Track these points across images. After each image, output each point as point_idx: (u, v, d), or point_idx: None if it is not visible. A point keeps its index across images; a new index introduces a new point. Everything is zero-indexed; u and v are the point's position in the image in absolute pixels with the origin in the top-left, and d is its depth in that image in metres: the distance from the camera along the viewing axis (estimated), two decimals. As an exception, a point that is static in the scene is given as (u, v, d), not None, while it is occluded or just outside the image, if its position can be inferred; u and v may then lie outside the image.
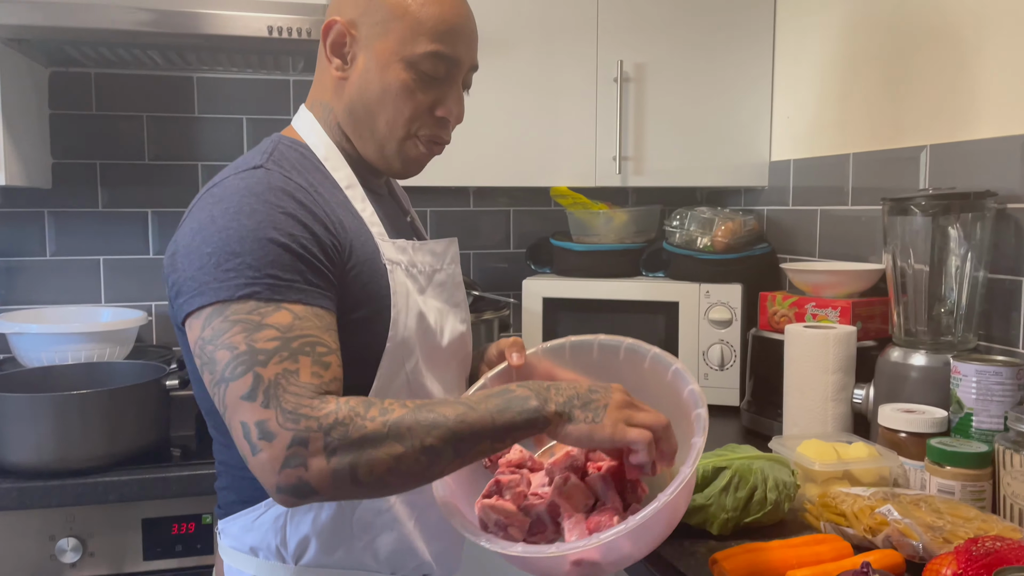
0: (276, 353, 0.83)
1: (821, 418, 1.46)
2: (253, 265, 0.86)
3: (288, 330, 0.85)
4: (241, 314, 0.84)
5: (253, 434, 0.81)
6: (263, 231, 0.87)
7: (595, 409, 0.88)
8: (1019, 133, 1.38)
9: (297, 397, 0.82)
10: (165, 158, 2.07)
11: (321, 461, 0.80)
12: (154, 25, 1.57)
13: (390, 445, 0.82)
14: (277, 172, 0.94)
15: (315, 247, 0.90)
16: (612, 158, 1.98)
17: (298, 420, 0.81)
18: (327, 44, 1.01)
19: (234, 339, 0.83)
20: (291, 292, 0.87)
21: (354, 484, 0.82)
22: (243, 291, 0.85)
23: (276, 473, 0.81)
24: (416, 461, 0.83)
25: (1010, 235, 1.40)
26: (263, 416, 0.81)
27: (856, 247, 1.78)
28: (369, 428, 0.82)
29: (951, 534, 1.01)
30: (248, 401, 0.82)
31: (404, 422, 0.83)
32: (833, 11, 1.85)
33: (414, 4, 0.99)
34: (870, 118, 1.75)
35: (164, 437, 1.58)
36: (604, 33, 1.95)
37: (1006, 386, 1.22)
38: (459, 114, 1.05)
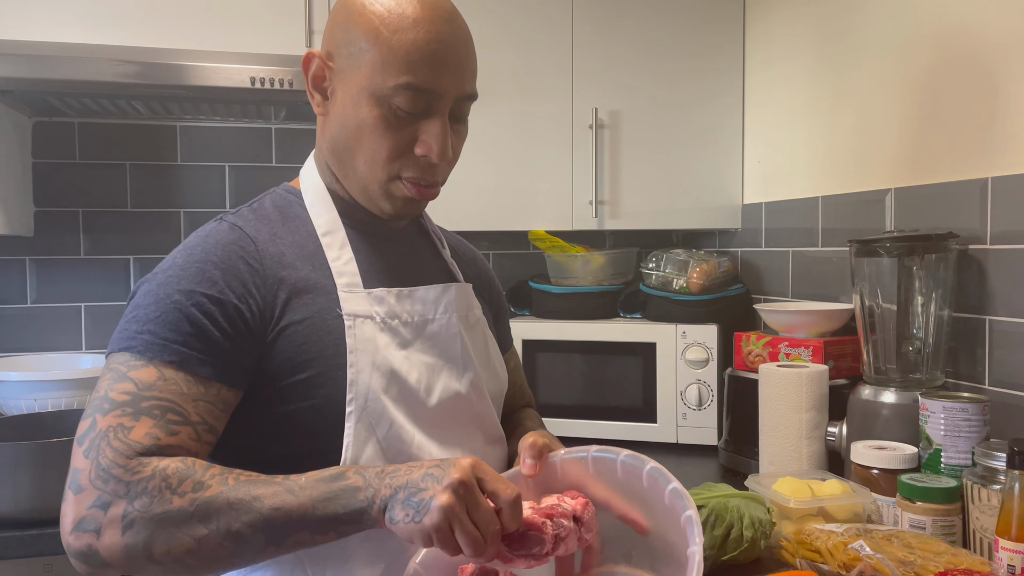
0: (121, 407, 0.80)
1: (796, 456, 1.49)
2: (140, 319, 0.85)
3: (146, 388, 0.81)
4: (116, 364, 0.84)
5: (68, 480, 0.79)
6: (165, 287, 0.87)
7: (418, 504, 0.75)
8: (977, 177, 1.43)
9: (116, 454, 0.78)
10: (147, 206, 2.09)
11: (115, 533, 0.76)
12: (138, 77, 1.60)
13: (193, 526, 0.76)
14: (228, 224, 0.93)
15: (216, 308, 0.86)
16: (588, 202, 2.03)
17: (107, 480, 0.77)
18: (310, 79, 0.95)
19: (101, 384, 0.83)
20: (164, 352, 0.83)
21: (149, 561, 0.76)
22: (123, 344, 0.85)
23: (69, 533, 0.77)
24: (220, 546, 0.77)
25: (972, 275, 1.44)
26: (81, 465, 0.79)
27: (827, 287, 1.83)
28: (174, 505, 0.76)
29: (922, 568, 1.03)
30: (78, 445, 0.80)
31: (215, 503, 0.77)
32: (799, 59, 1.92)
33: (386, 31, 0.88)
34: (837, 162, 1.80)
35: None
36: (579, 81, 2.01)
37: (972, 422, 1.25)
38: (441, 151, 0.92)
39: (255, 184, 2.13)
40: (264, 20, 1.79)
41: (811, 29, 1.88)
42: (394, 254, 1.02)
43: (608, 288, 2.11)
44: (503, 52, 1.97)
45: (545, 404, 2.01)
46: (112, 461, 0.77)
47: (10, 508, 1.40)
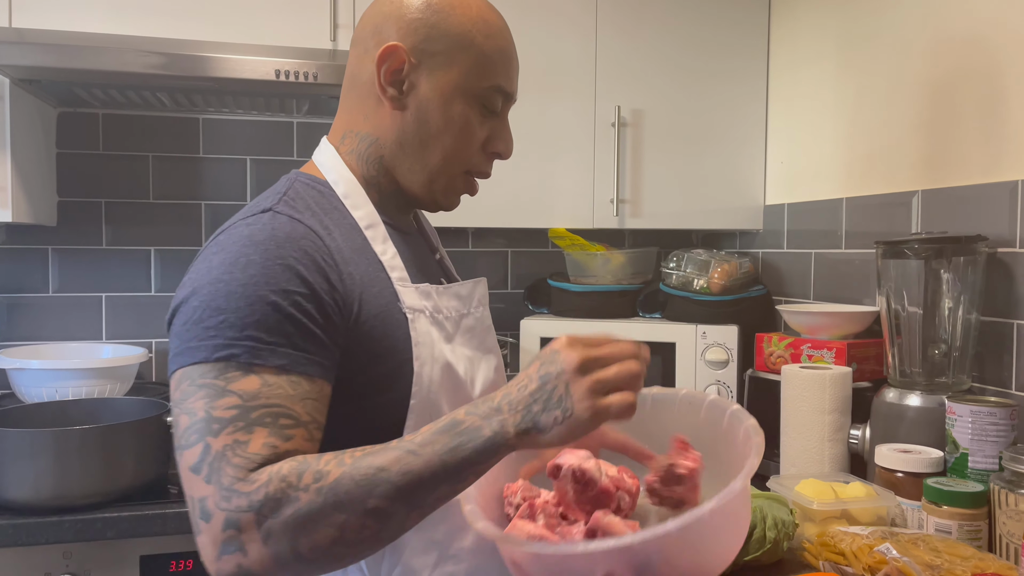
0: (231, 423, 0.76)
1: (818, 458, 1.47)
2: (235, 324, 0.79)
3: (252, 398, 0.77)
4: (208, 378, 0.78)
5: (196, 512, 0.75)
6: (254, 287, 0.80)
7: (559, 402, 0.75)
8: (1007, 180, 1.42)
9: (235, 470, 0.75)
10: (169, 197, 2.10)
11: (258, 547, 0.73)
12: (164, 68, 1.61)
13: (329, 516, 0.74)
14: (285, 216, 0.87)
15: (311, 305, 0.82)
16: (610, 201, 2.02)
17: (230, 499, 0.74)
18: (383, 70, 0.93)
19: (195, 404, 0.77)
20: (272, 357, 0.79)
21: (300, 562, 0.74)
22: (220, 352, 0.78)
23: (215, 560, 0.74)
24: (363, 527, 0.75)
25: (1001, 279, 1.43)
26: (204, 493, 0.75)
27: (850, 289, 1.81)
28: (303, 501, 0.74)
29: (949, 572, 1.02)
30: (195, 474, 0.76)
31: (341, 486, 0.74)
32: (824, 61, 1.90)
33: (479, 35, 0.94)
34: (863, 163, 1.79)
35: (163, 474, 1.58)
36: (602, 79, 2.00)
37: (1000, 426, 1.23)
38: (511, 149, 1.01)
39: (276, 178, 2.12)
40: (289, 13, 1.79)
41: (836, 31, 1.86)
42: (415, 250, 1.03)
43: (628, 287, 2.09)
44: (526, 48, 1.96)
45: (562, 402, 2.00)
46: (233, 478, 0.74)
47: (30, 495, 1.41)
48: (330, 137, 1.01)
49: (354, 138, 0.98)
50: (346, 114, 0.99)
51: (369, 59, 0.95)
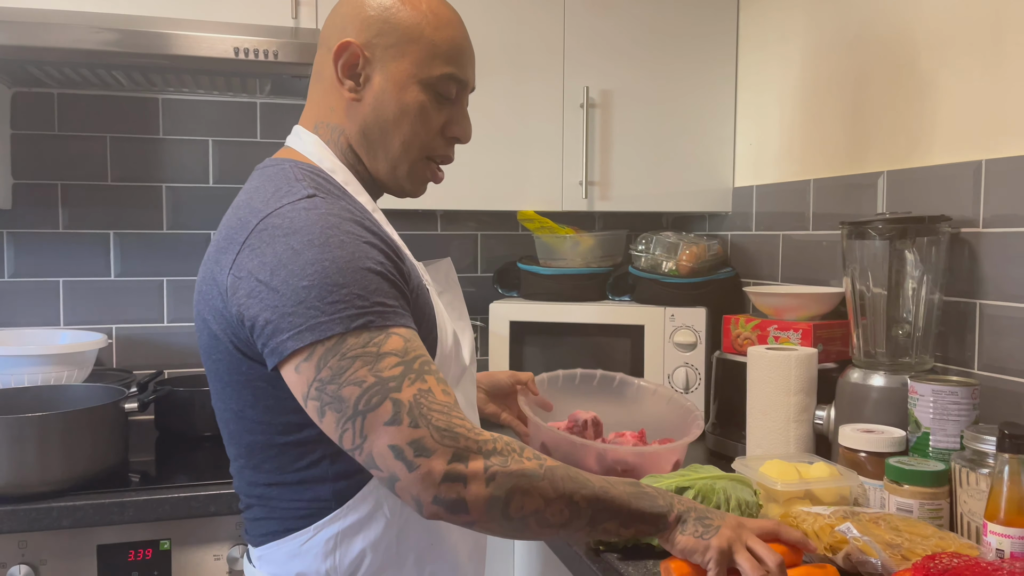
0: (404, 377, 0.85)
1: (784, 439, 1.47)
2: (361, 295, 0.86)
3: (405, 353, 0.86)
4: (357, 348, 0.84)
5: (407, 453, 0.83)
6: (359, 261, 0.87)
7: (707, 526, 0.96)
8: (971, 159, 1.42)
9: (446, 416, 0.84)
10: (128, 179, 2.05)
11: (480, 485, 0.83)
12: (119, 45, 1.56)
13: (544, 488, 0.86)
14: (333, 201, 0.93)
15: (396, 274, 0.92)
16: (579, 183, 2.00)
17: (456, 438, 0.84)
18: (339, 65, 1.01)
19: (358, 374, 0.84)
20: (397, 317, 0.88)
21: (503, 517, 0.85)
22: (358, 322, 0.85)
23: (436, 485, 0.83)
24: (560, 512, 0.87)
25: (964, 259, 1.43)
26: (416, 435, 0.83)
27: (817, 271, 1.81)
28: (527, 465, 0.86)
29: (909, 551, 1.02)
30: (394, 425, 0.83)
31: (558, 472, 0.88)
32: (793, 41, 1.90)
33: (428, 28, 1.01)
34: (829, 145, 1.79)
35: (122, 461, 1.55)
36: (570, 60, 1.98)
37: (962, 406, 1.24)
38: (469, 134, 1.08)
39: (240, 159, 2.09)
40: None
41: (804, 11, 1.85)
42: None
43: (597, 270, 2.08)
44: (493, 29, 1.93)
45: (531, 386, 1.99)
46: (448, 422, 0.84)
47: (-17, 484, 1.37)
48: (306, 125, 1.06)
49: (326, 128, 1.05)
50: (314, 106, 1.06)
51: (329, 55, 1.02)
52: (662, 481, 1.16)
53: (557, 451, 1.39)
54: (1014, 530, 1.02)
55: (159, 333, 2.08)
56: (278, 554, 0.99)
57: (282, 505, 0.98)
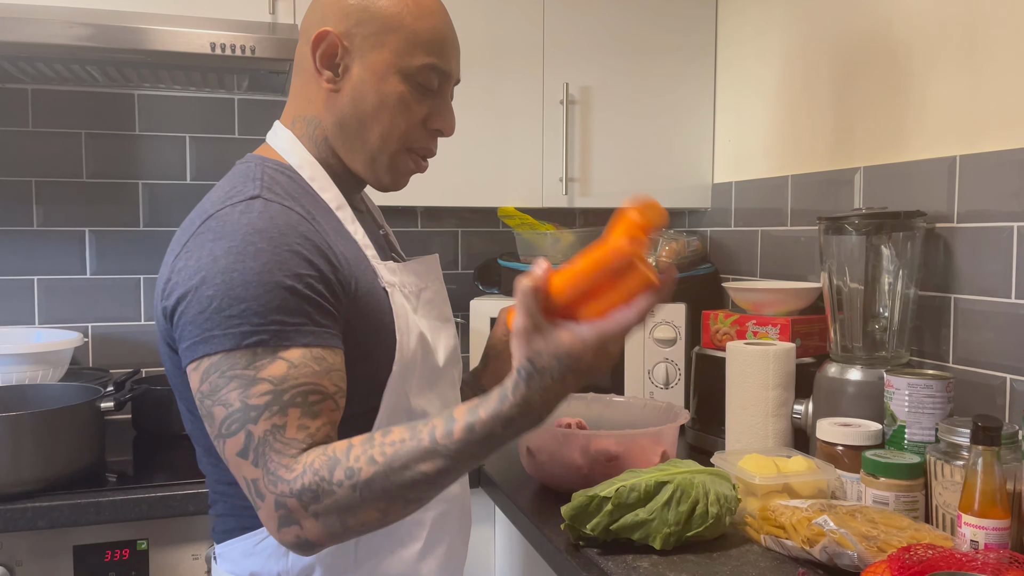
0: (267, 408, 0.82)
1: (762, 433, 1.48)
2: (258, 311, 0.83)
3: (281, 382, 0.83)
4: (237, 368, 0.83)
5: (252, 491, 0.83)
6: (269, 274, 0.84)
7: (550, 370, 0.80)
8: (945, 155, 1.43)
9: (279, 457, 0.82)
10: (104, 176, 2.03)
11: (311, 521, 0.81)
12: (93, 40, 1.54)
13: (368, 506, 0.81)
14: (276, 203, 0.90)
15: (321, 285, 0.88)
16: (559, 179, 2.00)
17: (276, 483, 0.82)
18: (317, 55, 0.98)
19: (229, 396, 0.83)
20: (298, 336, 0.85)
21: (353, 532, 0.83)
22: (249, 340, 0.83)
23: (276, 531, 0.83)
24: (404, 509, 0.83)
25: (939, 253, 1.45)
26: (255, 475, 0.83)
27: (796, 266, 1.82)
28: (338, 494, 0.80)
29: (885, 543, 1.03)
30: (243, 459, 0.83)
31: (375, 484, 0.80)
32: (772, 38, 1.91)
33: (409, 16, 0.98)
34: (807, 141, 1.80)
35: (99, 461, 1.53)
36: (550, 56, 1.98)
37: (936, 399, 1.25)
38: (452, 126, 1.05)
39: (217, 156, 2.07)
40: (226, -15, 1.73)
41: (782, 8, 1.86)
42: (367, 228, 1.08)
43: (577, 266, 2.08)
44: (473, 24, 1.93)
45: (512, 382, 1.99)
46: (277, 463, 0.82)
47: (-44, 485, 1.35)
48: (284, 120, 1.05)
49: (302, 122, 1.03)
50: (294, 99, 1.04)
51: (308, 47, 1.00)
52: (642, 476, 1.17)
53: (541, 451, 1.39)
54: (988, 521, 1.03)
55: (136, 332, 2.06)
56: (235, 552, 0.99)
57: (239, 503, 0.97)
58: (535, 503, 1.38)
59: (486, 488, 1.56)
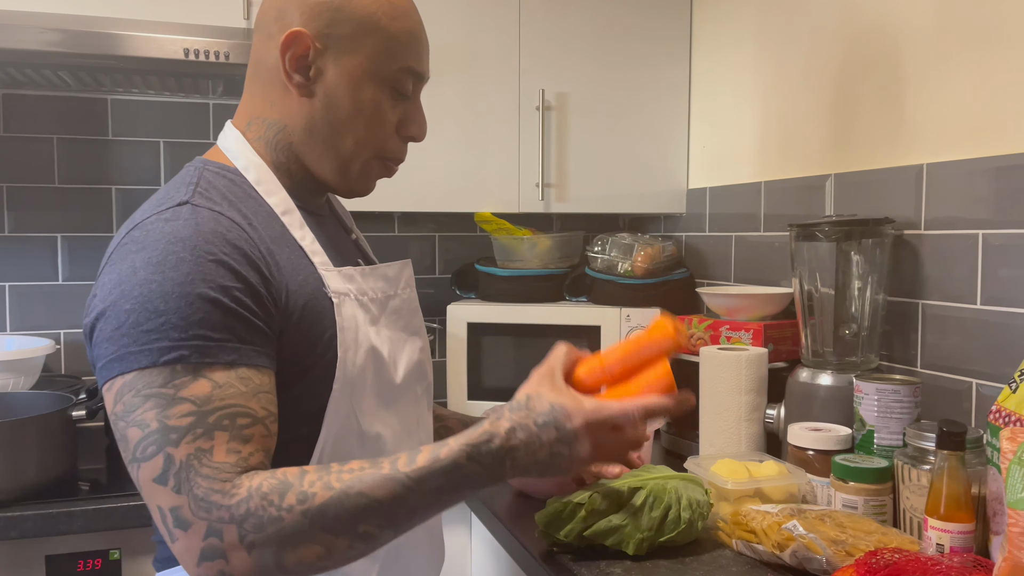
0: (190, 431, 0.76)
1: (735, 438, 1.50)
2: (178, 325, 0.77)
3: (205, 403, 0.77)
4: (155, 387, 0.76)
5: (169, 521, 0.76)
6: (191, 285, 0.78)
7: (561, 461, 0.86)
8: (912, 164, 1.46)
9: (209, 481, 0.75)
10: (76, 182, 2.01)
11: (242, 554, 0.75)
12: (64, 46, 1.53)
13: (317, 537, 0.76)
14: (206, 209, 0.84)
15: (248, 298, 0.82)
16: (535, 185, 2.01)
17: (210, 509, 0.75)
18: (287, 56, 0.91)
19: (145, 416, 0.76)
20: (222, 353, 0.79)
21: (283, 572, 0.76)
22: (167, 356, 0.77)
23: (196, 565, 0.75)
24: (350, 548, 0.78)
25: (907, 260, 1.47)
26: (176, 503, 0.75)
27: (769, 272, 1.85)
28: (286, 520, 0.75)
29: (853, 547, 1.05)
30: (160, 485, 0.76)
31: (328, 511, 0.76)
32: (745, 46, 1.93)
33: (385, 17, 0.93)
34: (780, 148, 1.82)
35: (71, 470, 1.52)
36: (526, 62, 1.99)
37: (904, 404, 1.27)
38: (424, 132, 1.00)
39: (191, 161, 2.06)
40: (199, -10, 1.73)
41: (755, 17, 1.89)
42: (331, 232, 1.03)
43: (554, 271, 2.10)
44: (449, 30, 1.93)
45: (490, 388, 2.00)
46: (208, 489, 0.75)
47: (-76, 496, 1.34)
48: (235, 122, 0.98)
49: (261, 124, 0.96)
50: (251, 99, 0.97)
51: (273, 45, 0.93)
52: (615, 482, 1.17)
53: None
54: (953, 525, 1.05)
55: (110, 338, 2.04)
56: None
57: None
58: (511, 509, 1.39)
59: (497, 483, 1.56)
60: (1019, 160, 1.27)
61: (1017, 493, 0.89)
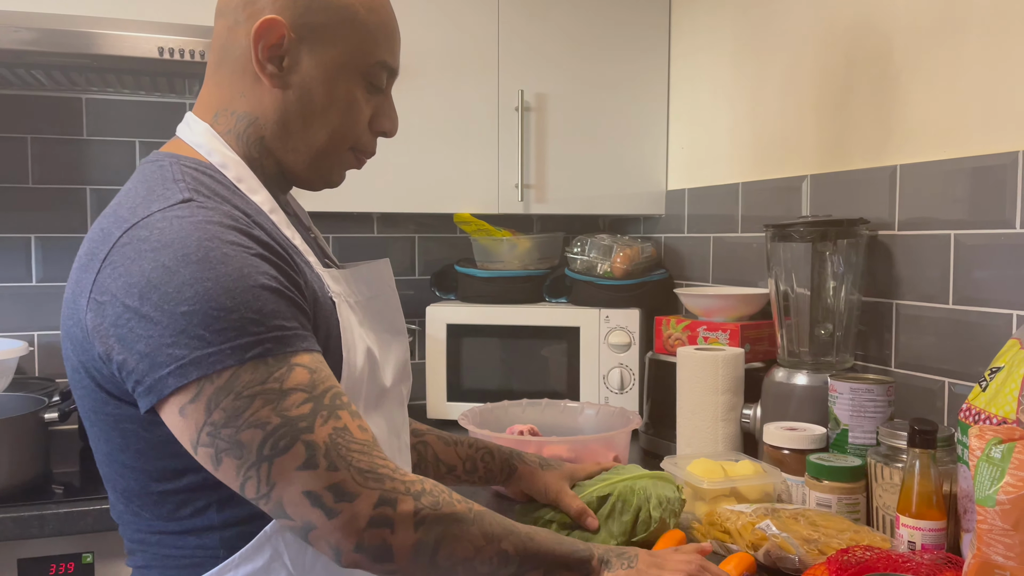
0: (315, 415, 0.76)
1: (712, 438, 1.51)
2: (255, 319, 0.74)
3: (312, 387, 0.77)
4: (255, 385, 0.74)
5: (327, 499, 0.75)
6: (249, 278, 0.75)
7: (629, 558, 0.94)
8: (886, 164, 1.47)
9: (367, 456, 0.77)
10: (50, 182, 1.99)
11: (408, 530, 0.77)
12: (36, 44, 1.51)
13: (474, 534, 0.81)
14: (214, 206, 0.80)
15: (293, 287, 0.81)
16: (514, 186, 2.01)
17: (381, 480, 0.77)
18: (260, 46, 0.87)
19: (260, 415, 0.74)
20: (299, 341, 0.78)
21: (430, 565, 0.79)
22: (253, 351, 0.74)
23: (360, 532, 0.75)
24: (490, 560, 0.82)
25: (881, 260, 1.48)
26: (336, 479, 0.75)
27: (747, 272, 1.86)
28: (458, 508, 0.80)
29: (825, 546, 1.05)
30: (309, 470, 0.74)
31: (487, 519, 0.83)
32: (722, 48, 1.94)
33: (362, 9, 0.90)
34: (757, 149, 1.83)
35: (44, 473, 1.50)
36: (505, 63, 1.99)
37: (878, 403, 1.28)
38: (396, 127, 0.98)
39: (169, 161, 2.04)
40: (175, -11, 1.71)
41: (733, 19, 1.90)
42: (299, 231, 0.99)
43: (534, 272, 2.10)
44: (428, 32, 1.93)
45: (470, 389, 2.00)
46: (371, 463, 0.77)
47: None
48: (199, 113, 0.93)
49: (230, 117, 0.91)
50: (217, 90, 0.92)
51: (242, 33, 0.88)
52: (585, 490, 1.18)
53: None
54: (924, 522, 1.06)
55: (85, 340, 2.02)
56: None
57: (164, 552, 0.86)
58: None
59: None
60: (990, 161, 1.28)
61: (985, 490, 0.90)
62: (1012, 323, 1.25)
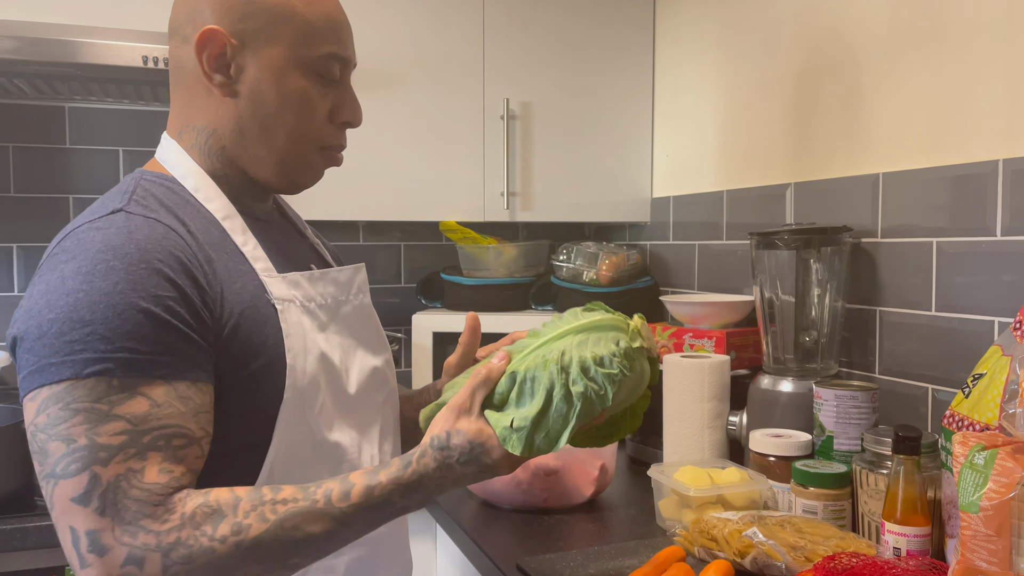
0: (121, 450, 0.73)
1: (698, 445, 1.51)
2: (105, 336, 0.74)
3: (141, 422, 0.74)
4: (86, 401, 0.73)
5: (83, 545, 0.72)
6: (120, 295, 0.75)
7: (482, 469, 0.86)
8: (869, 173, 1.48)
9: (139, 505, 0.73)
10: (33, 191, 1.98)
11: None
12: (19, 53, 1.50)
13: (246, 568, 0.75)
14: (140, 216, 0.82)
15: (183, 308, 0.79)
16: (500, 193, 2.02)
17: (136, 535, 0.72)
18: (203, 57, 0.88)
19: (72, 430, 0.72)
20: (154, 367, 0.76)
21: None
22: (92, 368, 0.73)
23: None
24: (291, 566, 0.78)
25: (864, 267, 1.49)
26: (97, 525, 0.72)
27: (732, 279, 1.86)
28: (219, 552, 0.74)
29: (812, 552, 1.06)
30: (80, 505, 0.72)
31: (263, 545, 0.75)
32: (706, 56, 1.95)
33: (299, 4, 0.90)
34: (742, 157, 1.84)
35: (25, 485, 1.48)
36: (490, 71, 2.00)
37: (862, 409, 1.29)
38: (359, 116, 0.97)
39: (152, 170, 2.03)
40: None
41: (716, 27, 1.91)
42: (278, 237, 0.99)
43: (520, 280, 2.10)
44: (414, 41, 1.93)
45: (455, 397, 1.99)
46: (138, 513, 0.72)
47: None
48: (169, 132, 0.95)
49: (192, 132, 0.93)
50: (178, 108, 0.94)
51: (189, 48, 0.90)
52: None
53: None
54: (909, 529, 1.07)
55: (68, 350, 2.00)
56: None
57: None
58: (475, 519, 1.38)
59: (427, 505, 1.55)
60: (971, 170, 1.29)
61: (969, 496, 0.91)
62: (994, 330, 1.26)
